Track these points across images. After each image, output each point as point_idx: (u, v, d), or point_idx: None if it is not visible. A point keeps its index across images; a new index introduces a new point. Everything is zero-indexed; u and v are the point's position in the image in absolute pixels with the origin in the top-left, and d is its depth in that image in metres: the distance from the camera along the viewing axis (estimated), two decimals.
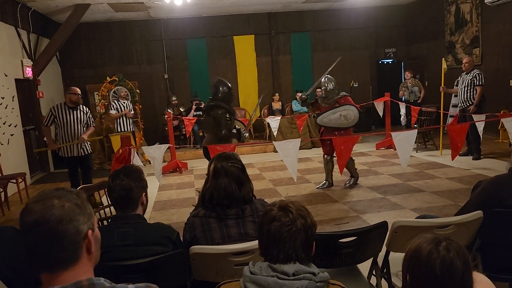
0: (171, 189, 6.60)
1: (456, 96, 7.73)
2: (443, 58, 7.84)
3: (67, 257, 1.06)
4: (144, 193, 2.06)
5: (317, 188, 5.91)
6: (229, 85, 4.90)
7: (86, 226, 1.10)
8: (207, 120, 4.87)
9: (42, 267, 1.07)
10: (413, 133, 5.01)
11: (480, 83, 6.86)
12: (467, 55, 9.16)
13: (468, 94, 6.97)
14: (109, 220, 2.29)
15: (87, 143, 5.62)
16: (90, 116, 5.68)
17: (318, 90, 10.33)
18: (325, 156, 5.92)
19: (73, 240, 1.07)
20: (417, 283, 1.28)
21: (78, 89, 5.58)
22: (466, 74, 7.07)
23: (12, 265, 1.69)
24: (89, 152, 5.70)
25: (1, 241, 1.73)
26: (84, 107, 5.65)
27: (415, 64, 11.44)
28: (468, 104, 6.99)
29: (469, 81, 6.94)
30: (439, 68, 10.42)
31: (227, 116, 4.69)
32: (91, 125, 5.67)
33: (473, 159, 6.93)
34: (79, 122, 5.51)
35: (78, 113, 5.52)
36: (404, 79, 9.25)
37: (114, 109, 7.89)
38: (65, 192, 1.11)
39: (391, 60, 12.00)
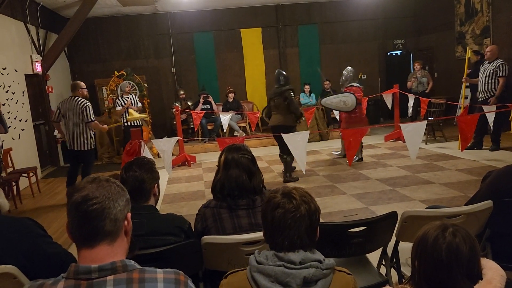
0: (180, 182, 6.64)
1: (467, 87, 7.62)
2: (468, 47, 7.72)
3: (109, 231, 1.16)
4: (156, 184, 2.09)
5: (333, 153, 7.35)
6: (285, 73, 6.11)
7: (126, 209, 1.22)
8: (279, 101, 5.86)
9: (85, 240, 1.15)
10: (422, 125, 5.00)
11: (504, 74, 6.58)
12: (477, 46, 9.05)
13: (490, 85, 6.71)
14: None
15: None
16: None
17: (326, 82, 10.37)
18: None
19: (116, 217, 1.18)
20: (424, 269, 1.30)
21: None
22: (488, 63, 6.77)
23: (29, 255, 1.73)
24: None
25: (18, 232, 1.77)
26: None
27: (424, 56, 11.33)
28: (489, 95, 6.75)
29: (492, 71, 6.66)
30: (449, 59, 10.37)
31: (292, 94, 5.86)
32: None
33: (490, 150, 6.84)
34: None
35: None
36: (413, 69, 9.17)
37: (119, 106, 7.96)
38: (109, 179, 1.25)
39: (400, 51, 11.89)
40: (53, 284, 1.11)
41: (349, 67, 7.06)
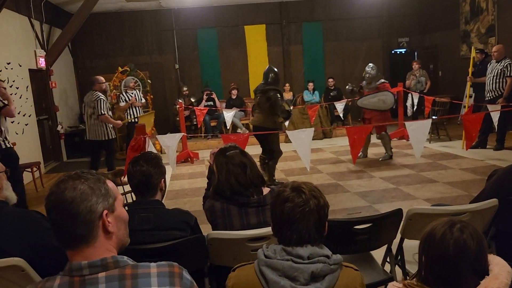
0: (183, 178, 6.66)
1: (471, 86, 7.60)
2: (472, 46, 7.65)
3: (84, 235, 1.11)
4: (162, 179, 2.09)
5: (380, 160, 6.77)
6: (276, 71, 5.66)
7: (101, 206, 1.13)
8: (262, 100, 5.42)
9: (65, 243, 1.13)
10: (427, 123, 4.99)
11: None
12: (482, 45, 9.01)
13: (497, 84, 6.64)
14: (129, 206, 2.33)
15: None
16: None
17: (330, 80, 10.36)
18: (379, 135, 6.78)
19: (87, 219, 1.10)
20: (431, 264, 1.30)
21: None
22: (496, 62, 6.71)
23: (35, 248, 1.75)
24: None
25: (25, 225, 1.79)
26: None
27: (429, 54, 11.29)
28: (496, 95, 6.68)
29: (499, 70, 6.60)
30: (453, 57, 10.33)
31: (279, 96, 5.41)
32: None
33: (494, 150, 6.81)
34: None
35: None
36: (412, 69, 9.15)
37: (123, 101, 7.95)
38: (81, 174, 1.15)
39: (404, 49, 11.85)
40: (51, 281, 1.10)
41: (371, 64, 6.89)
